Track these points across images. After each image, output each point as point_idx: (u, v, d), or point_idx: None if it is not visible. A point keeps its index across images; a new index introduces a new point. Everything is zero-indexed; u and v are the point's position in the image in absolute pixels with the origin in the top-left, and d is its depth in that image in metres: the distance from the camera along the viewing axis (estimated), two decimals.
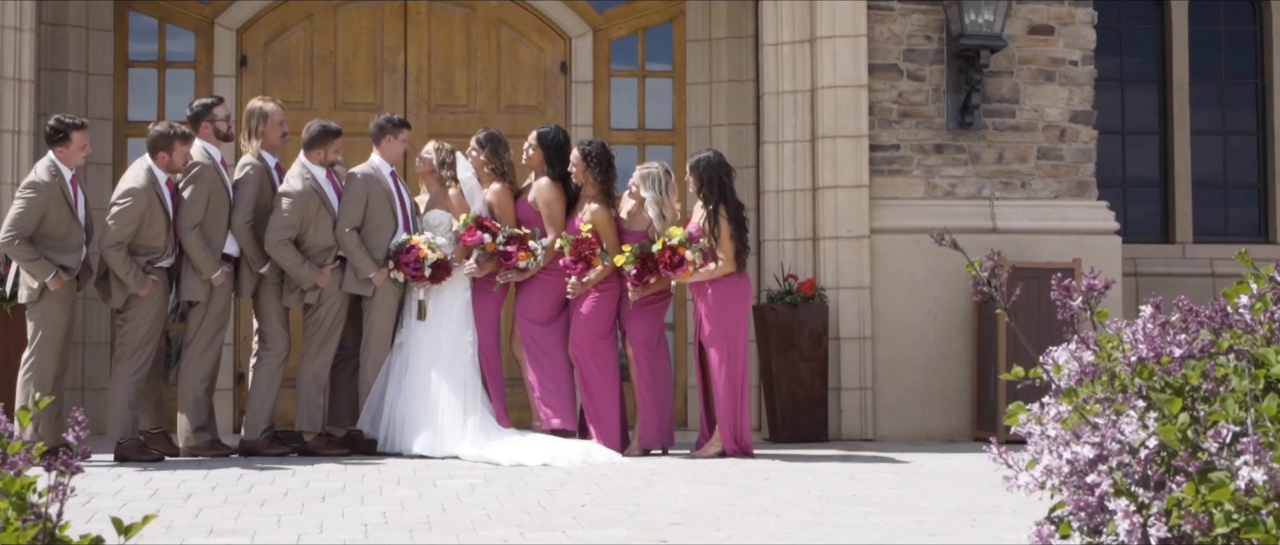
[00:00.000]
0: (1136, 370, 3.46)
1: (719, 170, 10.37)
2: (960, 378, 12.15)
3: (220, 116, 10.49)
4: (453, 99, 13.20)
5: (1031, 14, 12.44)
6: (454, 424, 10.26)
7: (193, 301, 10.27)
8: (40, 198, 9.70)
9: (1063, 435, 3.54)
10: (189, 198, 10.14)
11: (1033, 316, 11.77)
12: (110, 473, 9.28)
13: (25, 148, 11.52)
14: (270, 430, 10.41)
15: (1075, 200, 12.42)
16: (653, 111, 13.44)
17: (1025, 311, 11.78)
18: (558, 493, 8.35)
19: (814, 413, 11.75)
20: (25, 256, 9.67)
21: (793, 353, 11.71)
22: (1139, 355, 3.50)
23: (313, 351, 10.48)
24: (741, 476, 9.18)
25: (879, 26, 12.27)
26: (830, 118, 12.07)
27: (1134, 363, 3.49)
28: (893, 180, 12.29)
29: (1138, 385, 3.45)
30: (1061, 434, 3.51)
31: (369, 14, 13.17)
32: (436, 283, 10.43)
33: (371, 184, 10.55)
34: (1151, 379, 3.46)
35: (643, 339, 10.54)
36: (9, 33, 11.52)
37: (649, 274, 10.18)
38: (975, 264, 3.62)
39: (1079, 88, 12.47)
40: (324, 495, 8.18)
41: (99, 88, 12.70)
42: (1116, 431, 3.42)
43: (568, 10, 13.32)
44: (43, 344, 9.75)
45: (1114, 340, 3.59)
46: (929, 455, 10.67)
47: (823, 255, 12.07)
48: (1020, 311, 11.77)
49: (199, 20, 13.00)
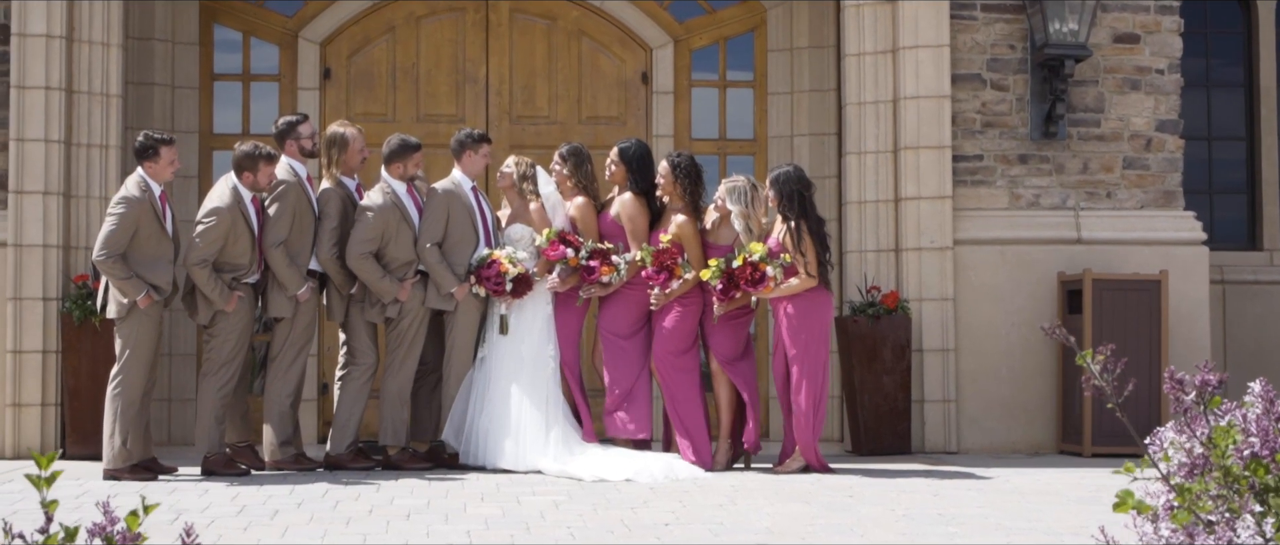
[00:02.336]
0: (1250, 466, 3.38)
1: (799, 185, 10.33)
2: (1044, 389, 12.05)
3: (305, 134, 10.57)
4: (534, 110, 13.23)
5: (1116, 22, 12.32)
6: (536, 438, 10.28)
7: (279, 317, 10.35)
8: (131, 214, 9.80)
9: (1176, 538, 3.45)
10: (274, 215, 10.22)
11: (1118, 330, 11.67)
12: (198, 487, 9.37)
13: (113, 162, 11.66)
14: (355, 444, 10.48)
15: (1161, 210, 12.28)
16: (733, 122, 13.42)
17: (1110, 324, 11.67)
18: (641, 511, 8.34)
19: (897, 425, 11.70)
20: (118, 274, 9.77)
21: (875, 365, 11.66)
22: (1252, 450, 3.42)
23: (396, 366, 10.54)
24: (825, 493, 9.14)
25: (962, 36, 12.18)
26: (913, 128, 12.00)
27: (1247, 458, 3.41)
28: (976, 191, 12.20)
29: (1251, 482, 3.37)
30: (1174, 534, 3.42)
31: (450, 26, 13.22)
32: (517, 297, 10.46)
33: (452, 199, 10.59)
34: (1266, 476, 3.37)
35: (726, 353, 10.52)
36: (97, 48, 11.65)
37: (733, 289, 10.16)
38: (1087, 356, 3.55)
39: (1165, 96, 12.33)
40: (408, 512, 8.22)
41: (185, 101, 12.83)
42: (1233, 534, 3.34)
43: (649, 21, 13.33)
44: (131, 361, 9.85)
45: (1228, 434, 3.50)
46: (1013, 470, 10.58)
47: (905, 267, 12.01)
48: (1105, 324, 11.67)
49: (283, 33, 13.10)
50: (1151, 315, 11.72)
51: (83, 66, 11.62)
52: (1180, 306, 11.96)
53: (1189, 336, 12.00)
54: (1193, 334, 12.04)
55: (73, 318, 11.21)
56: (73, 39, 11.59)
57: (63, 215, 11.48)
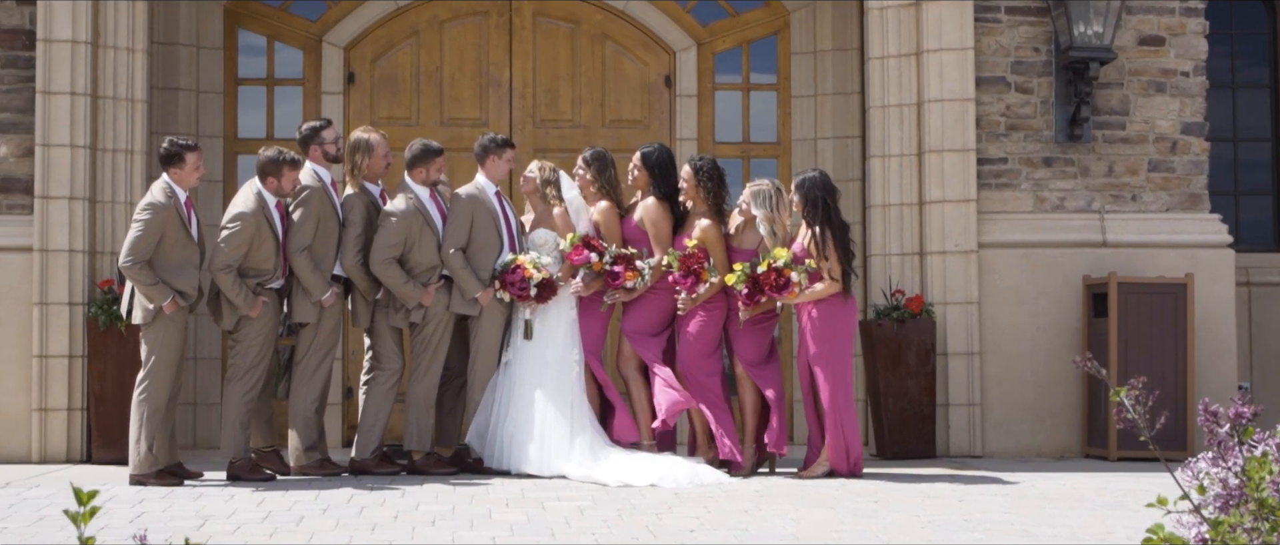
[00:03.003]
0: None
1: (824, 190, 10.31)
2: (1070, 393, 12.01)
3: (329, 139, 10.58)
4: (557, 114, 13.23)
5: (1142, 25, 12.27)
6: (561, 443, 10.28)
7: (303, 323, 10.36)
8: (157, 220, 9.82)
9: None
10: (298, 220, 10.23)
11: (1144, 333, 11.63)
12: (223, 493, 9.39)
13: (138, 167, 11.69)
14: (380, 450, 10.49)
15: (1187, 213, 12.24)
16: (757, 125, 13.40)
17: (1136, 327, 11.64)
18: (666, 516, 8.34)
19: (921, 429, 11.68)
20: (144, 280, 9.79)
21: (900, 369, 11.65)
22: None
23: (421, 371, 10.54)
24: (850, 499, 9.12)
25: (986, 39, 12.15)
26: (937, 131, 11.98)
27: None
28: (1001, 194, 12.17)
29: None
30: None
31: (474, 30, 13.24)
32: (542, 302, 10.46)
33: (476, 204, 10.59)
34: None
35: (750, 356, 10.51)
36: (122, 54, 11.69)
37: (758, 293, 10.14)
38: (1121, 391, 3.53)
39: (1191, 99, 12.29)
40: (434, 518, 8.22)
41: (209, 106, 12.87)
42: None
43: (672, 24, 13.32)
44: (157, 366, 9.87)
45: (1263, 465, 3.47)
46: (1039, 474, 10.55)
47: (930, 270, 11.98)
48: (1130, 327, 11.64)
49: (307, 38, 13.13)
50: (1177, 318, 11.68)
51: (108, 72, 11.65)
52: (1206, 309, 11.91)
53: (1215, 339, 11.96)
54: (1219, 337, 12.00)
55: (98, 323, 11.25)
56: (98, 44, 11.62)
57: (88, 220, 11.52)
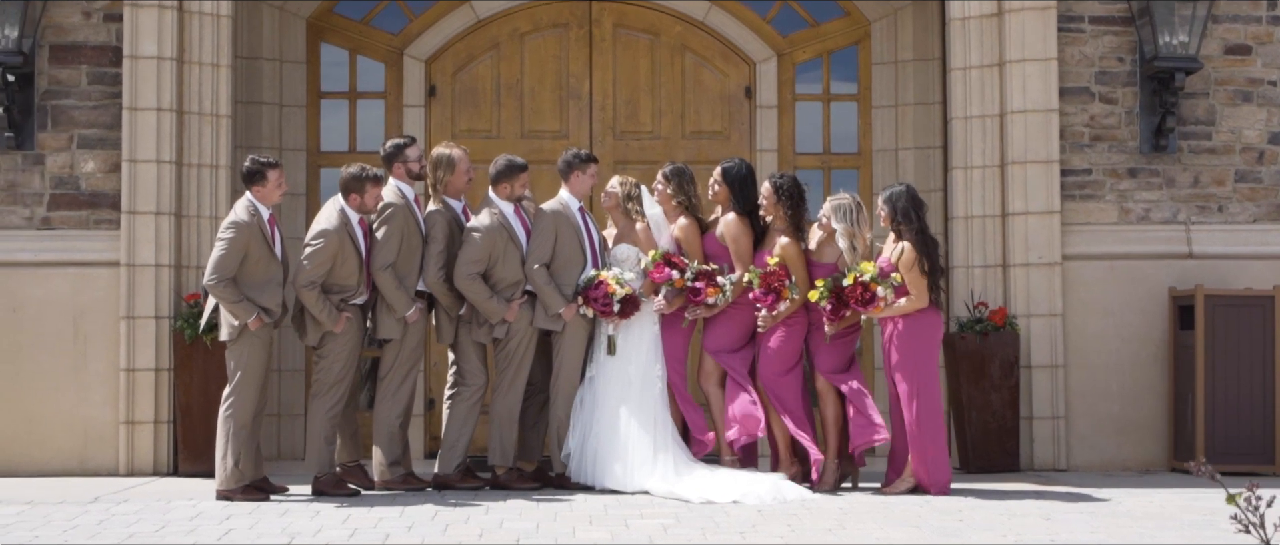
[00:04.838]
0: None
1: (912, 204, 10.24)
2: (1155, 407, 11.91)
3: (412, 157, 10.62)
4: (637, 125, 13.24)
5: (1227, 34, 12.14)
6: (644, 459, 10.27)
7: (387, 339, 10.41)
8: (241, 238, 9.90)
9: None
10: (382, 237, 10.28)
11: (1231, 345, 11.51)
12: (309, 509, 9.45)
13: (223, 182, 11.80)
14: (464, 465, 10.53)
15: (1275, 224, 12.10)
16: (838, 135, 13.35)
17: (1223, 340, 11.51)
18: (750, 535, 8.32)
19: (1005, 443, 11.61)
20: (229, 298, 9.87)
21: (983, 382, 11.58)
22: None
23: (504, 386, 10.57)
24: (934, 517, 9.07)
25: (1069, 49, 12.06)
26: (1020, 142, 11.90)
27: None
28: (1085, 205, 12.07)
29: None
30: None
31: (554, 42, 13.26)
32: (625, 318, 10.46)
33: (560, 220, 10.61)
34: None
35: (830, 366, 10.47)
36: (206, 69, 11.79)
37: (842, 308, 10.10)
38: (1236, 498, 3.49)
39: (1278, 108, 12.14)
40: (517, 536, 8.23)
41: (292, 119, 12.96)
42: None
43: (752, 35, 13.29)
44: (243, 382, 9.96)
45: None
46: (1125, 490, 10.45)
47: (1013, 282, 11.90)
48: (1217, 340, 11.51)
49: (388, 51, 13.20)
50: (1265, 331, 11.55)
51: (193, 87, 11.77)
52: None
53: None
54: None
55: (184, 336, 11.36)
56: (183, 60, 11.74)
57: (174, 235, 11.64)
